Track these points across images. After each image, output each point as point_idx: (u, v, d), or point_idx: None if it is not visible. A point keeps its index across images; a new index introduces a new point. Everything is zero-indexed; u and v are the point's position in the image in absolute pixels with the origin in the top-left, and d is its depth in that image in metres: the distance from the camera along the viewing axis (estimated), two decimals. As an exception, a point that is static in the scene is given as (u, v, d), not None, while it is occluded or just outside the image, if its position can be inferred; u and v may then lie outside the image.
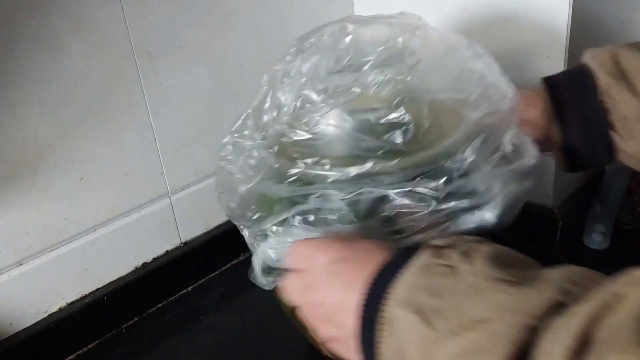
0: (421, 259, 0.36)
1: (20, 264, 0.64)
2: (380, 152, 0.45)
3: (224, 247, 0.81)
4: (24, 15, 0.57)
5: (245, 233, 0.53)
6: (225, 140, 0.54)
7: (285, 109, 0.48)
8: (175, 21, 0.69)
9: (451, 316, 0.32)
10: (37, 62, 0.59)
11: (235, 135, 0.53)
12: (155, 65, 0.69)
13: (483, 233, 0.44)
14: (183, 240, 0.78)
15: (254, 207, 0.50)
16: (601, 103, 0.52)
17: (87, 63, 0.63)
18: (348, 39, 0.49)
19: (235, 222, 0.54)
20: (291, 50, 0.53)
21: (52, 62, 0.60)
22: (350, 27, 0.50)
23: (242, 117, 0.54)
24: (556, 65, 0.69)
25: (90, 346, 0.69)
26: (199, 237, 0.80)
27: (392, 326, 0.34)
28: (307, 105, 0.47)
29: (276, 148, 0.48)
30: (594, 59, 0.54)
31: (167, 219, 0.76)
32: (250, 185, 0.49)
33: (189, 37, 0.71)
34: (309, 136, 0.47)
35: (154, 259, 0.75)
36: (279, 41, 0.81)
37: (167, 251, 0.77)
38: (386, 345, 0.35)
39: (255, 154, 0.49)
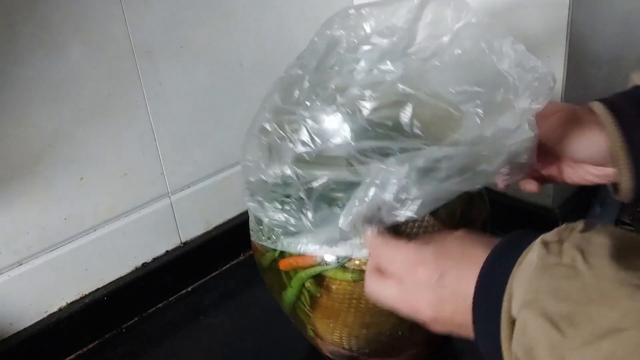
0: (535, 254, 0.35)
1: (20, 264, 0.64)
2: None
3: (224, 247, 0.81)
4: (24, 16, 0.57)
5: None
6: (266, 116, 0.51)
7: (360, 76, 0.47)
8: (175, 21, 0.69)
9: (582, 324, 0.31)
10: (37, 62, 0.59)
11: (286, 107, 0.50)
12: (155, 65, 0.69)
13: None
14: (183, 240, 0.78)
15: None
16: None
17: (87, 63, 0.63)
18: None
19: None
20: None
21: (52, 62, 0.60)
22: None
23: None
24: (556, 65, 0.69)
25: (90, 346, 0.69)
26: (199, 237, 0.80)
27: (519, 327, 0.34)
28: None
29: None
30: None
31: (167, 219, 0.76)
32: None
33: (189, 37, 0.71)
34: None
35: (154, 259, 0.75)
36: (279, 41, 0.81)
37: (167, 251, 0.77)
38: (516, 345, 0.35)
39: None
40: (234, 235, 0.81)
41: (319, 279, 0.51)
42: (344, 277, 0.49)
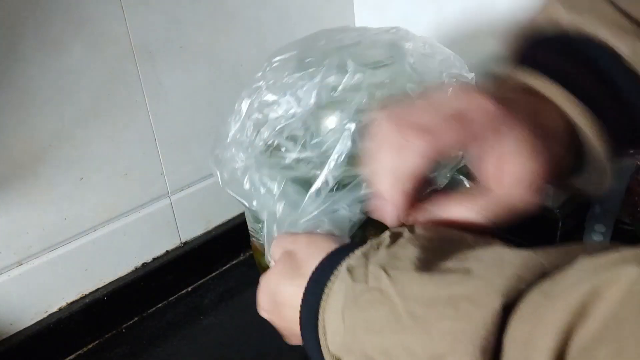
0: (343, 284, 0.32)
1: (20, 264, 0.64)
2: None
3: (224, 247, 0.81)
4: (25, 16, 0.57)
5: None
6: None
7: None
8: (176, 21, 0.69)
9: (401, 356, 0.29)
10: (38, 62, 0.59)
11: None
12: (155, 65, 0.69)
13: None
14: (183, 240, 0.78)
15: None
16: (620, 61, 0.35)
17: (88, 63, 0.63)
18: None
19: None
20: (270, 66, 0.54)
21: (52, 62, 0.60)
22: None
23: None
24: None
25: (90, 346, 0.69)
26: (199, 237, 0.80)
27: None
28: None
29: None
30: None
31: (167, 219, 0.76)
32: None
33: (189, 37, 0.71)
34: None
35: (154, 259, 0.75)
36: (279, 41, 0.80)
37: (167, 251, 0.77)
38: None
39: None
40: (234, 235, 0.81)
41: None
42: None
